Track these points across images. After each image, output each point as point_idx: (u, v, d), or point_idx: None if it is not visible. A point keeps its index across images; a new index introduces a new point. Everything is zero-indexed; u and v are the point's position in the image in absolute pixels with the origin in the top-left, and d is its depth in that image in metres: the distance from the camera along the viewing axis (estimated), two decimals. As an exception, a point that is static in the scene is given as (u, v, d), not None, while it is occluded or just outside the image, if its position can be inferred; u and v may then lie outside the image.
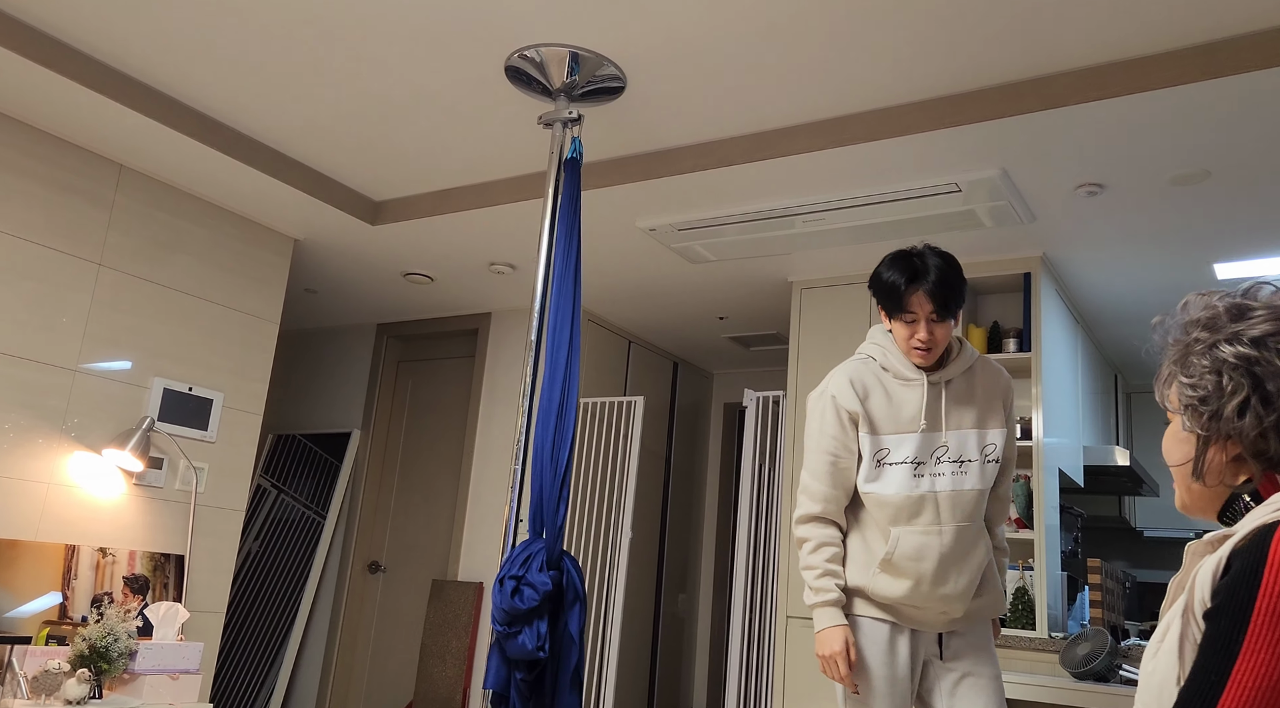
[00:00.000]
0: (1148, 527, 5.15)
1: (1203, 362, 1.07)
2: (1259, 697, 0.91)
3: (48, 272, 3.30)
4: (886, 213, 3.41)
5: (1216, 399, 1.05)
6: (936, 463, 2.22)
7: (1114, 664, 2.93)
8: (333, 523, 5.08)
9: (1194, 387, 1.08)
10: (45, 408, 3.28)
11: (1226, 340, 1.06)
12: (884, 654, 2.18)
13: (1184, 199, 3.16)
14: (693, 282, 4.36)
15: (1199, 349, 1.08)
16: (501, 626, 2.38)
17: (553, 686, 2.37)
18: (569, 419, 2.52)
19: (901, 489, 2.21)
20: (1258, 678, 0.91)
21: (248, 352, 3.95)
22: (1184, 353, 1.10)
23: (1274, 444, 1.03)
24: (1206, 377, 1.07)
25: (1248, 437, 1.04)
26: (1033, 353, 3.64)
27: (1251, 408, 1.03)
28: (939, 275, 2.20)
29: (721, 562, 5.62)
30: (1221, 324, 1.08)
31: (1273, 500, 1.01)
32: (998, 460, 2.26)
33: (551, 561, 2.43)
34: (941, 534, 2.18)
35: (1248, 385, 1.04)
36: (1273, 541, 0.94)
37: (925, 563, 2.16)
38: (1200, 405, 1.07)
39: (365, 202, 3.92)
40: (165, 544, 3.60)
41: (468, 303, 4.95)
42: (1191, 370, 1.08)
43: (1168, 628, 1.03)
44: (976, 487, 2.22)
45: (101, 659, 3.06)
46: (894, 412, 2.27)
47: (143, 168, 3.56)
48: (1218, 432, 1.06)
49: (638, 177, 3.34)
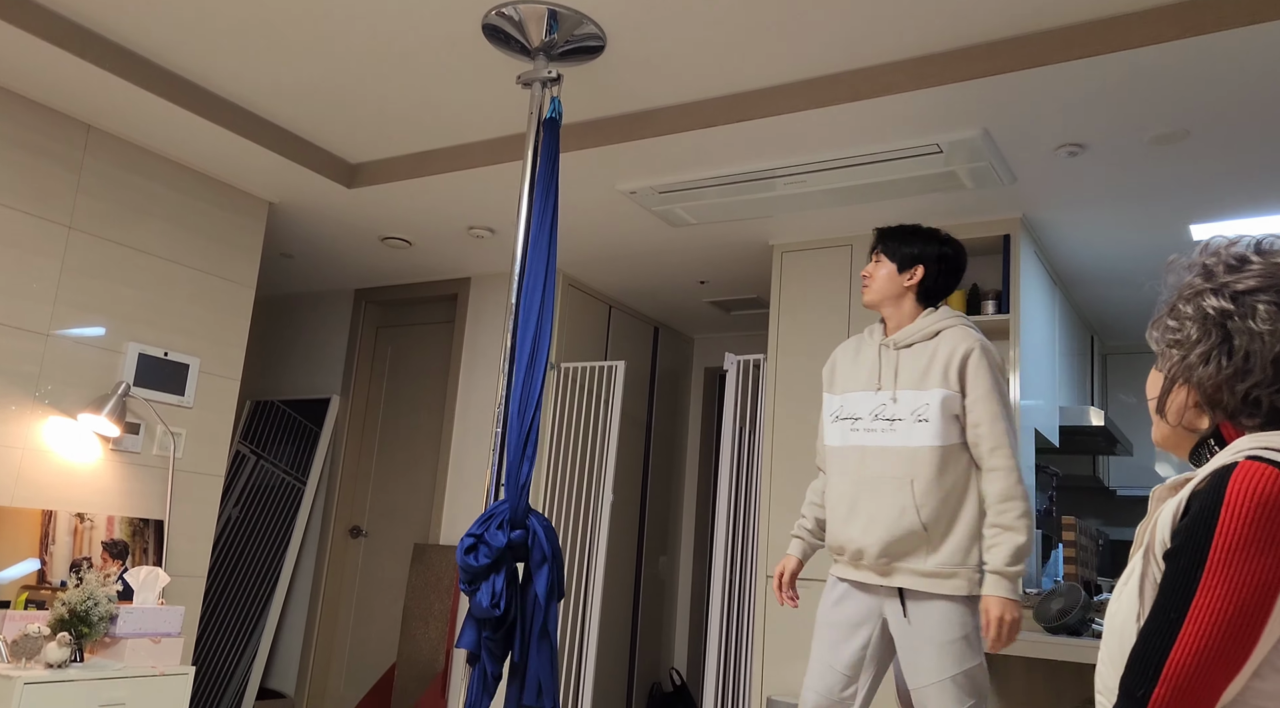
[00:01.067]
0: (1121, 486, 5.23)
1: (1188, 308, 1.11)
2: (1215, 633, 0.93)
3: (17, 235, 3.24)
4: (868, 175, 3.40)
5: (1187, 345, 1.09)
6: (874, 420, 2.38)
7: (1086, 618, 2.99)
8: (313, 489, 5.07)
9: (1174, 330, 1.12)
10: (18, 373, 3.24)
11: (1213, 291, 1.09)
12: (831, 604, 2.46)
13: (1164, 159, 3.18)
14: (673, 245, 4.34)
15: (1189, 295, 1.11)
16: (464, 584, 2.40)
17: (522, 645, 2.39)
18: (537, 379, 2.52)
19: (835, 441, 2.47)
20: (1214, 615, 0.93)
21: (224, 316, 3.91)
22: (1178, 297, 1.13)
23: (1227, 397, 1.06)
24: (1186, 323, 1.10)
25: (1205, 386, 1.08)
26: (1011, 314, 3.67)
27: (1214, 359, 1.06)
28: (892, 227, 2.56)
29: (702, 525, 5.66)
30: (1217, 274, 1.10)
31: (1234, 445, 1.04)
32: (927, 420, 2.31)
33: (515, 520, 2.43)
34: (858, 483, 2.38)
35: (1216, 336, 1.07)
36: (1229, 482, 0.97)
37: (841, 507, 2.42)
38: (1173, 348, 1.11)
39: (341, 164, 3.87)
40: (144, 509, 3.58)
41: (447, 268, 4.92)
42: (1177, 314, 1.12)
43: (1132, 571, 1.07)
44: (905, 444, 2.31)
45: (82, 624, 3.05)
46: (855, 372, 2.49)
47: (111, 128, 3.49)
48: (1182, 375, 1.10)
49: (618, 138, 3.31)
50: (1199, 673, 0.93)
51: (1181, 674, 0.93)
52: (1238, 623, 0.93)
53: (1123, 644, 1.03)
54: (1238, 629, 0.93)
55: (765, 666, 3.83)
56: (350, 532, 5.18)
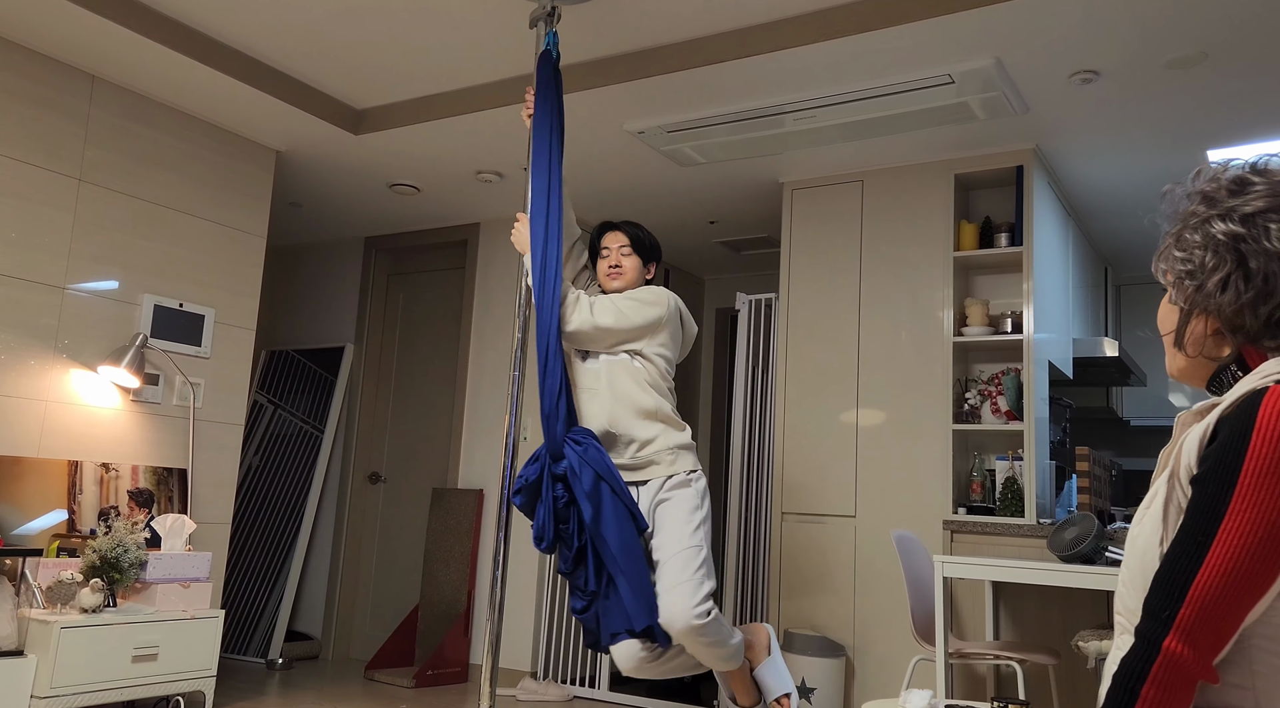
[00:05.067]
0: (1134, 416, 5.24)
1: (1195, 236, 1.08)
2: (1242, 556, 0.93)
3: (28, 188, 3.25)
4: (878, 108, 3.36)
5: (1201, 274, 1.07)
6: None
7: (1100, 547, 3.02)
8: (331, 436, 5.13)
9: (1184, 260, 1.09)
10: (36, 327, 3.27)
11: (1220, 216, 1.07)
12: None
13: (1179, 84, 3.12)
14: (682, 186, 4.31)
15: (1194, 223, 1.09)
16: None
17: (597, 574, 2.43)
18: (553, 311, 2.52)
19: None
20: (1243, 538, 0.93)
21: (236, 267, 3.92)
22: (1182, 226, 1.11)
23: (1249, 320, 1.05)
24: (1196, 251, 1.08)
25: (1225, 312, 1.06)
26: (1024, 247, 3.64)
27: (1232, 284, 1.04)
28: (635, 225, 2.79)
29: (716, 463, 5.72)
30: (1220, 199, 1.08)
31: (1261, 369, 1.03)
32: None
33: (554, 452, 2.48)
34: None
35: (1231, 261, 1.05)
36: (1260, 406, 0.96)
37: None
38: (1186, 279, 1.09)
39: (347, 110, 3.84)
40: (167, 459, 3.64)
41: (456, 213, 4.90)
42: (1184, 244, 1.09)
43: (1155, 495, 1.06)
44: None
45: (113, 570, 3.12)
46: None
47: (116, 78, 3.47)
48: (1200, 305, 1.08)
49: (624, 77, 3.27)
50: (1225, 595, 0.93)
51: (1207, 596, 0.93)
52: (1266, 546, 0.93)
53: (1144, 567, 1.03)
54: (1265, 553, 0.93)
55: (781, 598, 3.90)
56: (369, 478, 5.25)
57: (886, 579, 3.70)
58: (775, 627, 3.86)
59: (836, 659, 3.63)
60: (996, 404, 3.68)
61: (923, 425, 3.71)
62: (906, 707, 2.28)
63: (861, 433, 3.84)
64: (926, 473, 3.68)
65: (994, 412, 3.68)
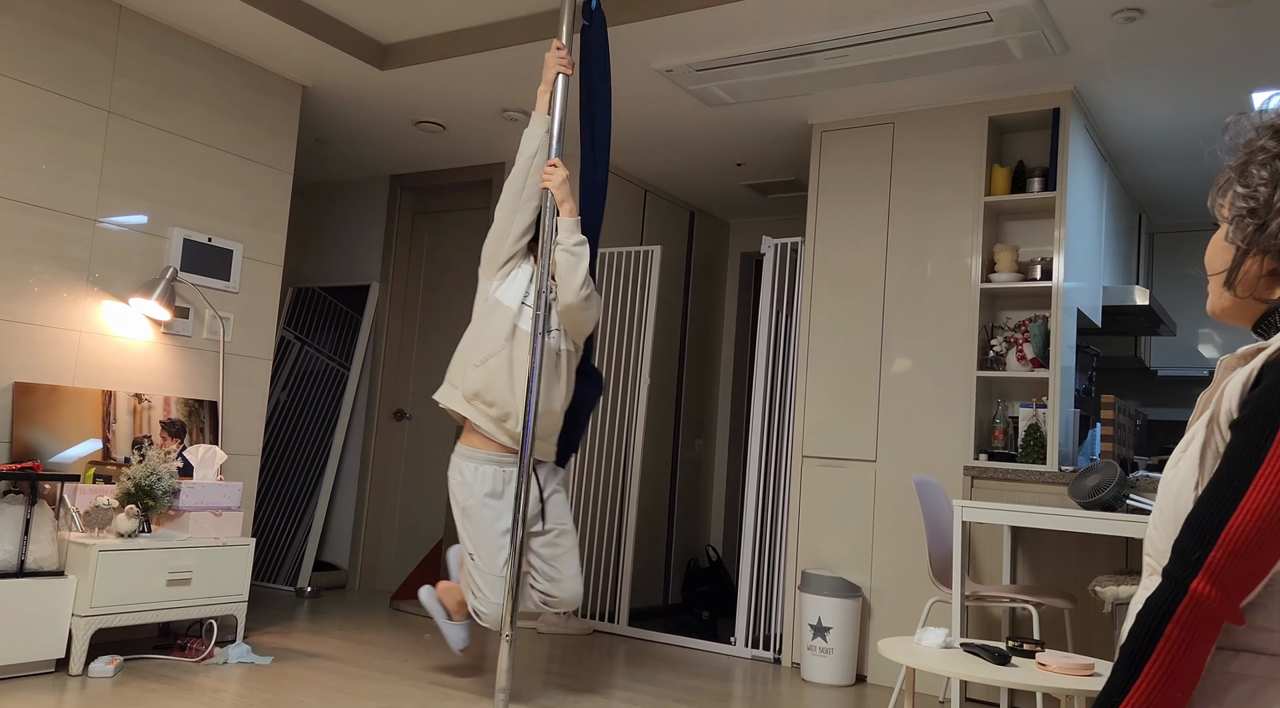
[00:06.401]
0: (1162, 366, 5.19)
1: (1262, 172, 1.02)
2: (1277, 503, 0.92)
3: (59, 119, 3.26)
4: (912, 47, 3.29)
5: (1265, 212, 1.01)
6: None
7: (1121, 495, 3.02)
8: (357, 373, 5.19)
9: (1247, 197, 1.03)
10: (69, 258, 3.31)
11: None
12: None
13: (1227, 22, 3.03)
14: (710, 127, 4.26)
15: (1261, 159, 1.03)
16: None
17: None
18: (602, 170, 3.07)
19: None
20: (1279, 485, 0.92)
21: (264, 202, 3.94)
22: (1246, 160, 1.05)
23: None
24: (1261, 188, 1.02)
25: None
26: (1058, 192, 3.58)
27: None
28: None
29: (738, 407, 5.74)
30: None
31: None
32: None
33: None
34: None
35: None
36: None
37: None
38: (1248, 216, 1.03)
39: (373, 44, 3.81)
40: (198, 391, 3.71)
41: (480, 152, 4.88)
42: (1249, 180, 1.04)
43: (1192, 438, 1.04)
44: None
45: (147, 497, 3.20)
46: None
47: (143, 9, 3.45)
48: (1259, 245, 1.03)
49: (653, 13, 3.21)
50: (1256, 540, 0.92)
51: (1239, 540, 0.92)
52: None
53: (1176, 510, 1.01)
54: None
55: (800, 540, 3.94)
56: (394, 415, 5.32)
57: (905, 524, 3.73)
58: (794, 567, 3.91)
59: (853, 600, 3.68)
60: (1022, 352, 3.66)
61: (946, 372, 3.70)
62: (922, 643, 2.31)
63: (884, 378, 3.84)
64: (949, 419, 3.68)
65: (1019, 359, 3.66)
